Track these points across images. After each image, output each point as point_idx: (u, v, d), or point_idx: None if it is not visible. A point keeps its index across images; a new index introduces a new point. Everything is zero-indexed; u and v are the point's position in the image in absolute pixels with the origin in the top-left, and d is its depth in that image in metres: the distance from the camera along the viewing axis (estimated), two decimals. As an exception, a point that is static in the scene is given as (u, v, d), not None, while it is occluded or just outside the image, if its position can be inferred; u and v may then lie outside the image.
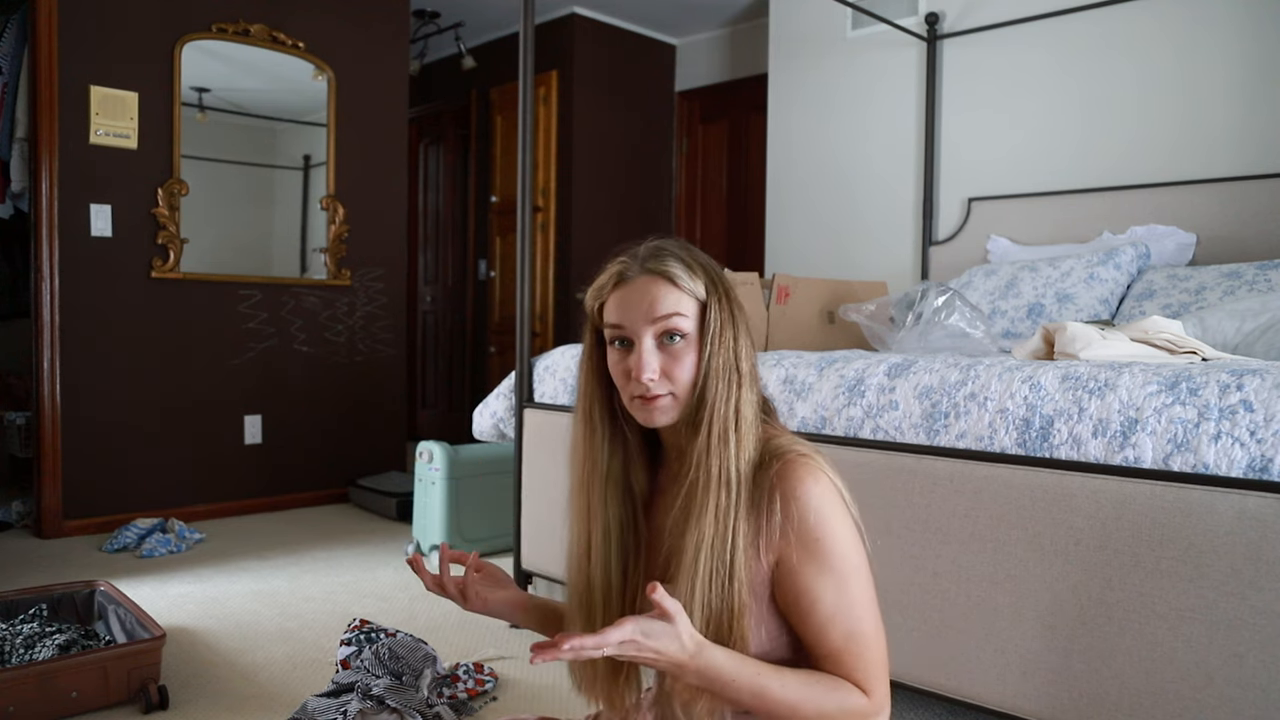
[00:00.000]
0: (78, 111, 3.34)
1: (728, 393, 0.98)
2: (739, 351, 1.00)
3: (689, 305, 0.99)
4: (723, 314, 1.00)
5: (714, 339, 0.99)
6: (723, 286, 1.01)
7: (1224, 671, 1.33)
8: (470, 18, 5.16)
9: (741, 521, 0.96)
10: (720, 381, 0.98)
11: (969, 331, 2.36)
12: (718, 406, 0.98)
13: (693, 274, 1.00)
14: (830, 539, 0.95)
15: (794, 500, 0.96)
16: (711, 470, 0.97)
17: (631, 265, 1.01)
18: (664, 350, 0.99)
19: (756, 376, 1.03)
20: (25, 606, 2.20)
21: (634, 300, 0.99)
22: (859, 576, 0.97)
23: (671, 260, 1.00)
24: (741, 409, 0.99)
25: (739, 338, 1.00)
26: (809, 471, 0.97)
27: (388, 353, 4.26)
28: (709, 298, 1.00)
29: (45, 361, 3.32)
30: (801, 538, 0.95)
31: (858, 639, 0.96)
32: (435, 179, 5.95)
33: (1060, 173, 3.37)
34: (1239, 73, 2.99)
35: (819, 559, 0.95)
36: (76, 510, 3.39)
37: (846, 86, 4.01)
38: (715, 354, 0.98)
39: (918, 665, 1.67)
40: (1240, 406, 1.37)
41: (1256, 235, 2.90)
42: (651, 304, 0.98)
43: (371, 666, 1.94)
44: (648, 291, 0.99)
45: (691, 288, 0.99)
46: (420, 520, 3.17)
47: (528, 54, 2.41)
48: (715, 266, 1.03)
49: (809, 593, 0.96)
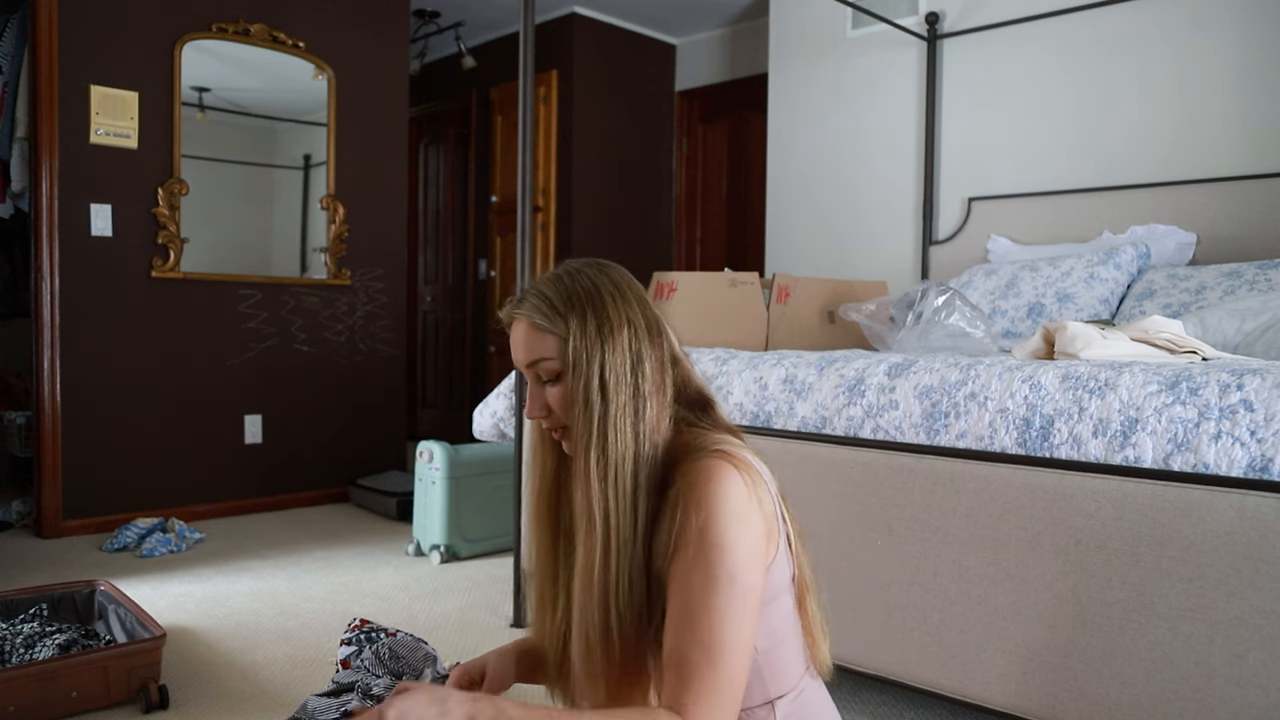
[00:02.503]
0: (78, 111, 3.34)
1: (589, 424, 0.99)
2: (607, 373, 0.99)
3: (552, 345, 1.01)
4: (585, 341, 1.00)
5: (574, 372, 1.00)
6: (590, 309, 1.01)
7: (1224, 671, 1.33)
8: (470, 18, 5.16)
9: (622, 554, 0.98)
10: (598, 406, 0.99)
11: (969, 331, 2.36)
12: (580, 439, 1.00)
13: (552, 311, 1.01)
14: (719, 544, 0.93)
15: (695, 505, 0.94)
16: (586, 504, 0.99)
17: (509, 309, 1.06)
18: (545, 387, 1.04)
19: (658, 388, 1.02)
20: (25, 606, 2.20)
21: (513, 345, 1.05)
22: (735, 590, 0.92)
23: (530, 302, 1.03)
24: (640, 422, 1.00)
25: (608, 360, 1.00)
26: (717, 472, 0.95)
27: (388, 353, 4.26)
28: (570, 329, 1.00)
29: (45, 361, 3.32)
30: (694, 535, 0.94)
31: (706, 650, 0.90)
32: (435, 179, 5.95)
33: (1060, 172, 3.37)
34: (1239, 72, 2.99)
35: (701, 554, 0.93)
36: (76, 510, 3.39)
37: (846, 86, 4.01)
38: (576, 388, 1.00)
39: (918, 665, 1.67)
40: (1240, 406, 1.37)
41: (1256, 235, 2.90)
42: (521, 350, 1.04)
43: (372, 666, 1.94)
44: (517, 337, 1.04)
45: (551, 327, 1.01)
46: (420, 520, 3.17)
47: (528, 54, 2.41)
48: (592, 289, 1.02)
49: (676, 580, 0.94)
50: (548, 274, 1.06)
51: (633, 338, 1.02)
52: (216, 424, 3.74)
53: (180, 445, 3.64)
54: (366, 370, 4.19)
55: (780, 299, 2.81)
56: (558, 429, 1.05)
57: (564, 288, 1.03)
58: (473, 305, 5.61)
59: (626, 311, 1.03)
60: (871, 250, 3.92)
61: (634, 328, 1.02)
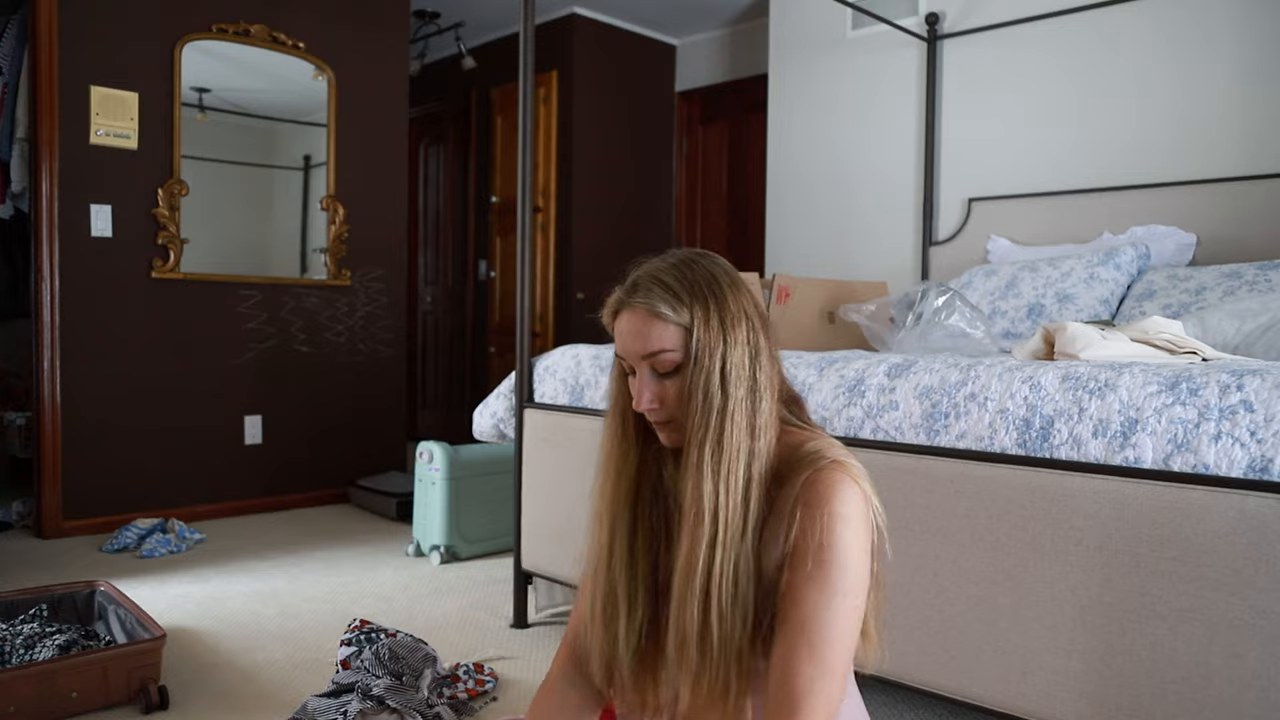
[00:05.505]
0: (78, 111, 3.34)
1: (735, 410, 0.97)
2: (729, 367, 0.98)
3: (673, 336, 0.98)
4: (709, 334, 0.98)
5: (695, 364, 0.98)
6: (715, 301, 0.99)
7: (1224, 671, 1.33)
8: (470, 18, 5.16)
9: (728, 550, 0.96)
10: (718, 400, 0.97)
11: (969, 332, 2.36)
12: (695, 433, 0.97)
13: (677, 302, 0.99)
14: (838, 561, 0.94)
15: (816, 519, 0.94)
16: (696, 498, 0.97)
17: (623, 298, 1.02)
18: (660, 379, 1.00)
19: (770, 383, 1.01)
20: (25, 606, 2.20)
21: (626, 335, 1.01)
22: (849, 606, 0.94)
23: (654, 292, 0.99)
24: (756, 419, 0.98)
25: (730, 354, 0.98)
26: (840, 488, 0.95)
27: (388, 353, 4.26)
28: (694, 320, 0.98)
29: (45, 361, 3.32)
30: (813, 549, 0.94)
31: (820, 664, 0.92)
32: (435, 179, 5.95)
33: (1060, 173, 3.37)
34: (1239, 72, 2.99)
35: (820, 570, 0.94)
36: (76, 510, 3.39)
37: (846, 86, 4.01)
38: (696, 380, 0.98)
39: (918, 665, 1.66)
40: (1240, 407, 1.37)
41: (1256, 235, 2.90)
42: (638, 340, 1.00)
43: (371, 667, 1.94)
44: (635, 327, 1.00)
45: (675, 318, 0.98)
46: (420, 520, 3.17)
47: (528, 54, 2.41)
48: (712, 279, 1.01)
49: (792, 591, 0.94)
50: (660, 263, 1.03)
51: (750, 331, 1.00)
52: (216, 424, 3.74)
53: (180, 446, 3.64)
54: (366, 371, 4.19)
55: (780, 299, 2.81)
56: (662, 422, 1.02)
57: (684, 277, 1.00)
58: (473, 306, 5.60)
59: (744, 303, 1.01)
60: (871, 251, 3.92)
61: (750, 321, 1.01)
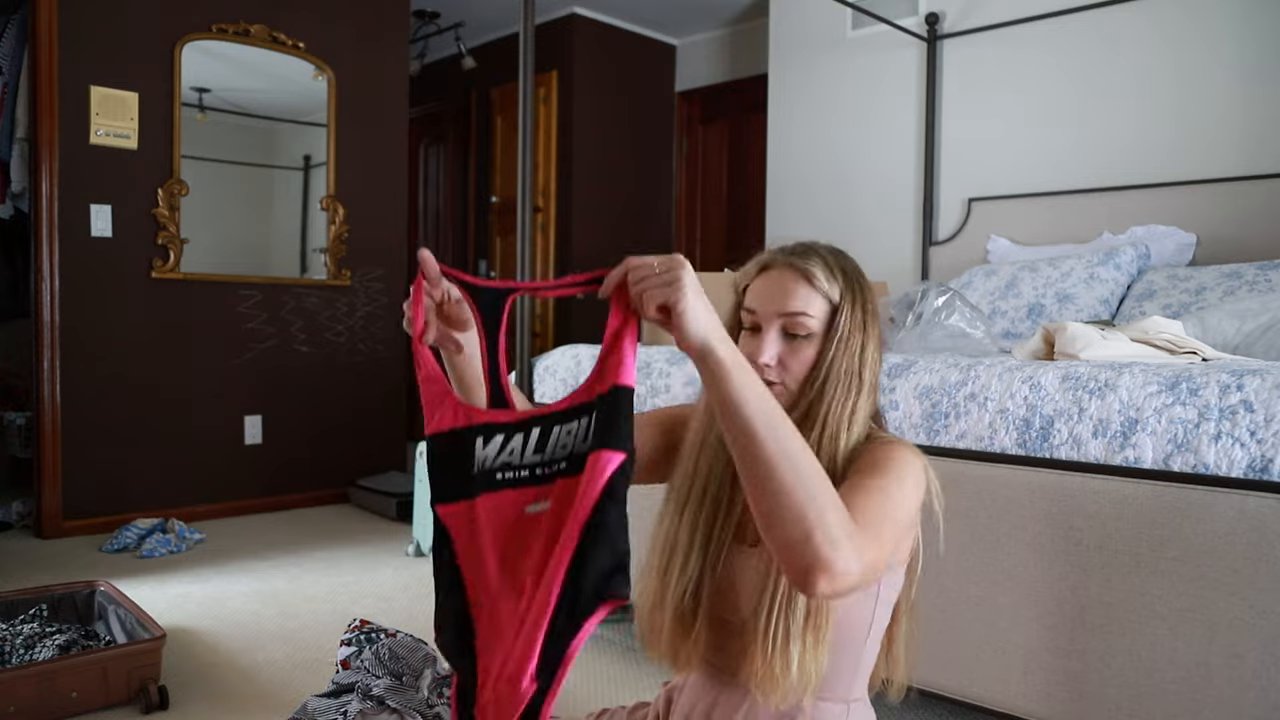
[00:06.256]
0: (78, 111, 3.34)
1: (845, 396, 1.00)
2: (864, 359, 1.02)
3: (819, 305, 1.01)
4: (853, 320, 1.01)
5: (839, 342, 1.01)
6: (861, 295, 1.03)
7: (1224, 671, 1.33)
8: (470, 18, 5.16)
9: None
10: (839, 384, 1.00)
11: (969, 332, 2.36)
12: (834, 407, 1.00)
13: (831, 276, 1.02)
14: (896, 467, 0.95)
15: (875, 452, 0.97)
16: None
17: (777, 256, 1.04)
18: (786, 342, 1.02)
19: (877, 388, 1.05)
20: (25, 606, 2.20)
21: (769, 290, 1.03)
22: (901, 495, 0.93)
23: (814, 259, 1.03)
24: (856, 413, 1.01)
25: (866, 346, 1.02)
26: (905, 449, 0.98)
27: (388, 353, 4.26)
28: (842, 301, 1.01)
29: (45, 361, 3.32)
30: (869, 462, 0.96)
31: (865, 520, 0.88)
32: (435, 179, 5.95)
33: (1060, 173, 3.37)
34: (1239, 72, 2.99)
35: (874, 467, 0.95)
36: (76, 510, 3.39)
37: (846, 86, 4.01)
38: (839, 357, 1.00)
39: (919, 665, 1.66)
40: (1240, 407, 1.37)
41: (1256, 235, 2.90)
42: (783, 297, 1.01)
43: (372, 667, 1.94)
44: (782, 284, 1.02)
45: (826, 289, 1.01)
46: (420, 520, 3.17)
47: (528, 54, 2.41)
48: (860, 274, 1.05)
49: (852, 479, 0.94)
50: (811, 241, 1.06)
51: (879, 331, 1.05)
52: (216, 424, 3.74)
53: (180, 446, 3.64)
54: (366, 371, 4.18)
55: (780, 299, 2.81)
56: (769, 382, 1.01)
57: (841, 262, 1.04)
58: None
59: (877, 306, 1.06)
60: (871, 250, 3.91)
61: (879, 322, 1.05)
